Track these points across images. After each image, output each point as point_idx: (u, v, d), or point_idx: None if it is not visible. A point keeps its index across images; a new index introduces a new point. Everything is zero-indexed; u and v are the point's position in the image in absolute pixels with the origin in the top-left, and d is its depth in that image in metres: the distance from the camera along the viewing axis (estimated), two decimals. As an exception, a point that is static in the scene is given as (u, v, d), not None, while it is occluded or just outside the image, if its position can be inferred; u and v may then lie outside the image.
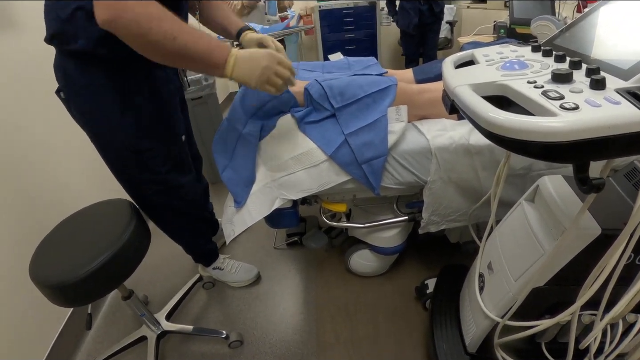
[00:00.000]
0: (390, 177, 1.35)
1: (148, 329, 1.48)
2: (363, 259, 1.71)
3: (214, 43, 1.02)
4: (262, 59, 1.06)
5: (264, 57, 1.07)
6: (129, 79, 1.14)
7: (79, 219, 1.27)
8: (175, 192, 1.41)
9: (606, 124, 0.52)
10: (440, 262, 1.62)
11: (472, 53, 0.92)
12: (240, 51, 1.05)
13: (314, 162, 1.32)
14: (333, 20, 4.45)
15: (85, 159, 1.80)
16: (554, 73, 0.64)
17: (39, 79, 1.59)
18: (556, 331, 1.01)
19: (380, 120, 1.31)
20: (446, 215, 1.42)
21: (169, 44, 0.95)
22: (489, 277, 1.10)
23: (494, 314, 1.00)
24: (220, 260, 1.81)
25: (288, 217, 1.48)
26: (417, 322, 1.53)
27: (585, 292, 0.76)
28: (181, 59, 1.00)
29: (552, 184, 0.96)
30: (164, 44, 0.95)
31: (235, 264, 1.84)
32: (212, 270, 1.80)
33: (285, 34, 2.83)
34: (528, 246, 0.95)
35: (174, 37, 0.95)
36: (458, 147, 1.29)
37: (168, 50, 0.96)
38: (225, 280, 1.82)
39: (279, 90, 1.12)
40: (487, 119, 0.60)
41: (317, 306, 1.66)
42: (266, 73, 1.06)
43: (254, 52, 1.08)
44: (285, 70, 1.10)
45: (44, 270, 1.07)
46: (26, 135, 1.51)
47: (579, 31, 0.85)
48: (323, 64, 1.76)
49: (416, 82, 1.60)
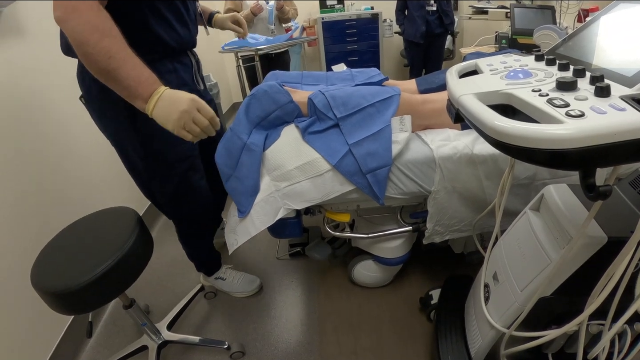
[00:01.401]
0: (395, 187, 1.35)
1: (149, 338, 1.47)
2: (366, 270, 1.70)
3: (146, 76, 0.99)
4: (183, 102, 0.99)
5: (185, 102, 0.99)
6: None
7: (82, 226, 1.27)
8: (187, 194, 1.46)
9: (612, 130, 0.52)
10: (445, 272, 1.61)
11: (475, 63, 0.93)
12: (167, 91, 1.00)
13: (318, 172, 1.32)
14: (336, 31, 4.49)
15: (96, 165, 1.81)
16: (559, 81, 0.64)
17: (44, 84, 1.62)
18: (563, 341, 1.00)
19: (384, 130, 1.32)
20: (450, 226, 1.41)
21: (103, 62, 0.94)
22: (495, 288, 1.09)
23: (500, 325, 1.00)
24: (223, 270, 1.81)
25: (292, 227, 1.48)
26: (421, 333, 1.51)
27: (592, 301, 0.76)
28: (110, 79, 0.98)
29: (557, 193, 0.95)
30: (97, 59, 0.94)
31: (238, 274, 1.83)
32: (214, 280, 1.80)
33: (289, 45, 2.85)
34: (534, 256, 0.95)
35: (109, 57, 0.94)
36: (462, 157, 1.29)
37: (100, 67, 0.95)
38: (227, 290, 1.81)
39: (196, 137, 1.04)
40: (493, 127, 0.60)
41: (320, 317, 1.65)
42: (183, 118, 0.99)
43: (179, 95, 1.01)
44: (203, 118, 1.02)
45: (46, 277, 1.07)
46: (29, 139, 1.52)
47: (582, 40, 0.85)
48: (327, 76, 1.78)
49: (419, 92, 1.61)
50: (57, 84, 1.69)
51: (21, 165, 1.44)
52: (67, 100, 1.75)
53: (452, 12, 3.51)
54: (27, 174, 1.47)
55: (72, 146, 1.76)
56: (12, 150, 1.41)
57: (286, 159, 1.35)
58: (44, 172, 1.56)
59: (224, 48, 2.54)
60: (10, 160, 1.40)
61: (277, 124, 1.46)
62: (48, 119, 1.62)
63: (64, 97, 1.72)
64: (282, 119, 1.45)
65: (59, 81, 1.70)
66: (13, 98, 1.45)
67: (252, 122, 1.43)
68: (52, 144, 1.63)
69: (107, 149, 1.33)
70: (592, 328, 0.89)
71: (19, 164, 1.44)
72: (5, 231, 1.35)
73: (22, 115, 1.48)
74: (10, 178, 1.38)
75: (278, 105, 1.43)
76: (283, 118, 1.45)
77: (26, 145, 1.48)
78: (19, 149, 1.44)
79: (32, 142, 1.52)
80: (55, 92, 1.68)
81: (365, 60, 4.61)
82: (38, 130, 1.56)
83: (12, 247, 1.37)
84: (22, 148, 1.46)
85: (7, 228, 1.36)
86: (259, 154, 1.38)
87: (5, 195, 1.36)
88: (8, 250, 1.35)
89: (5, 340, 1.30)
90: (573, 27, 2.19)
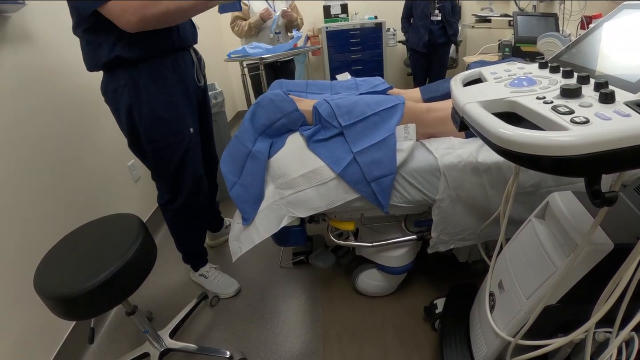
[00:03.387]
0: (399, 196, 1.35)
1: (151, 345, 1.47)
2: (371, 279, 1.70)
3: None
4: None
5: None
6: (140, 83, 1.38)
7: (86, 231, 1.28)
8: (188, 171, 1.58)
9: (617, 136, 0.52)
10: (449, 281, 1.59)
11: (479, 71, 0.93)
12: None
13: (323, 180, 1.33)
14: (340, 40, 4.53)
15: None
16: (563, 88, 0.64)
17: (51, 90, 1.63)
18: (570, 350, 0.99)
19: (388, 138, 1.32)
20: (455, 234, 1.41)
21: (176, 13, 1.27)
22: (500, 296, 1.08)
23: (506, 333, 0.99)
24: (206, 269, 1.89)
25: (296, 235, 1.48)
26: (426, 342, 1.50)
27: (599, 308, 0.75)
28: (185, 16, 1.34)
29: (562, 200, 0.95)
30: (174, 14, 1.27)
31: (219, 275, 1.89)
32: (198, 276, 1.88)
33: (294, 54, 2.87)
34: (539, 263, 0.94)
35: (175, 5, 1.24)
36: (466, 165, 1.29)
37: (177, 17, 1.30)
38: (207, 288, 1.87)
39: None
40: (498, 134, 0.60)
41: (324, 326, 1.63)
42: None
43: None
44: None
45: (48, 281, 1.07)
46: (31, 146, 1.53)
47: (585, 47, 0.86)
48: (331, 85, 1.79)
49: (423, 101, 1.61)
50: (64, 90, 1.71)
51: (25, 171, 1.46)
52: (73, 106, 1.77)
53: (456, 23, 3.52)
54: (31, 180, 1.48)
55: (77, 152, 1.77)
56: (17, 155, 1.42)
57: (291, 167, 1.36)
58: (48, 178, 1.58)
59: (230, 56, 2.56)
60: (14, 166, 1.41)
61: (282, 132, 1.47)
62: (55, 124, 1.64)
63: (70, 102, 1.74)
64: (287, 127, 1.46)
65: (65, 86, 1.72)
66: (20, 103, 1.47)
67: (257, 130, 1.44)
68: (58, 150, 1.65)
69: (112, 156, 1.35)
70: (599, 336, 0.88)
71: (24, 169, 1.45)
72: (9, 234, 1.36)
73: (29, 120, 1.50)
74: (14, 183, 1.40)
75: (283, 114, 1.44)
76: (288, 126, 1.46)
77: (31, 151, 1.50)
78: (24, 154, 1.46)
79: (38, 147, 1.53)
80: (62, 98, 1.70)
81: (369, 69, 4.64)
82: (44, 135, 1.57)
83: (15, 250, 1.37)
84: (27, 153, 1.47)
85: (11, 231, 1.37)
86: (264, 162, 1.38)
87: (9, 199, 1.37)
88: (11, 253, 1.36)
89: (7, 344, 1.31)
90: (576, 34, 2.20)
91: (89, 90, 1.85)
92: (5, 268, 1.33)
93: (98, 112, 1.89)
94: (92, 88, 1.86)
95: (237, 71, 2.90)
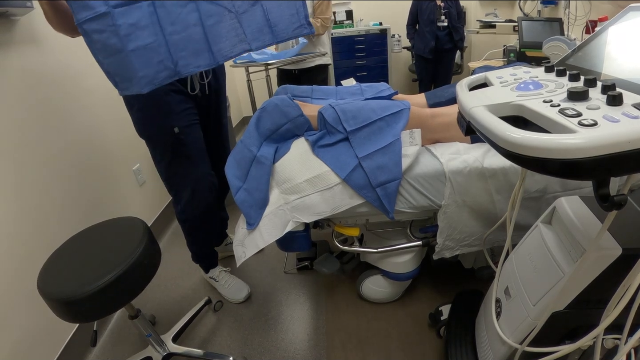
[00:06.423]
0: (404, 201, 1.35)
1: (154, 349, 1.46)
2: (375, 285, 1.69)
3: None
4: None
5: None
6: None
7: (90, 234, 1.28)
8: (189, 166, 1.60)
9: (626, 138, 0.51)
10: (455, 288, 1.58)
11: (485, 75, 0.93)
12: None
13: (328, 185, 1.32)
14: (345, 47, 4.55)
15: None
16: (570, 91, 0.64)
17: (58, 93, 1.65)
18: (578, 357, 0.97)
19: (393, 143, 1.32)
20: (461, 240, 1.40)
21: None
22: (506, 303, 1.07)
23: (512, 340, 0.97)
24: (217, 272, 1.88)
25: (300, 240, 1.47)
26: (431, 350, 1.48)
27: (608, 314, 0.74)
28: None
29: (569, 205, 0.94)
30: None
31: (230, 279, 1.88)
32: (208, 278, 1.89)
33: (298, 60, 2.87)
34: (546, 269, 0.93)
35: None
36: (472, 171, 1.28)
37: None
38: (220, 292, 1.88)
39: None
40: (505, 138, 0.60)
41: (328, 332, 1.62)
42: None
43: None
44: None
45: (52, 283, 1.07)
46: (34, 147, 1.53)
47: (591, 50, 0.85)
48: (337, 90, 1.79)
49: (428, 106, 1.61)
50: (71, 93, 1.73)
51: (31, 174, 1.47)
52: (79, 109, 1.78)
53: (462, 29, 3.53)
54: (36, 182, 1.49)
55: (82, 156, 1.78)
56: (22, 158, 1.43)
57: (296, 172, 1.35)
58: (53, 181, 1.58)
59: (236, 62, 2.56)
60: (20, 168, 1.42)
61: (287, 137, 1.47)
62: (61, 127, 1.65)
63: (76, 106, 1.76)
64: (292, 132, 1.46)
65: (72, 90, 1.73)
66: (27, 106, 1.48)
67: (263, 135, 1.44)
68: (64, 153, 1.66)
69: (117, 159, 1.35)
70: (607, 342, 0.87)
71: (29, 172, 1.46)
72: (15, 236, 1.37)
73: (35, 123, 1.51)
74: (19, 185, 1.40)
75: (288, 119, 1.44)
76: (293, 131, 1.46)
77: (37, 153, 1.51)
78: (29, 157, 1.47)
79: (43, 150, 1.54)
80: (69, 102, 1.71)
81: (374, 75, 4.65)
82: (50, 138, 1.59)
83: (19, 252, 1.38)
84: (33, 156, 1.48)
85: (15, 233, 1.37)
86: (269, 167, 1.38)
87: (14, 201, 1.38)
88: (16, 255, 1.36)
89: (9, 345, 1.31)
90: (581, 38, 2.19)
91: (95, 93, 1.87)
92: (9, 269, 1.33)
93: (104, 115, 1.90)
94: (98, 92, 1.88)
95: (243, 77, 2.91)
